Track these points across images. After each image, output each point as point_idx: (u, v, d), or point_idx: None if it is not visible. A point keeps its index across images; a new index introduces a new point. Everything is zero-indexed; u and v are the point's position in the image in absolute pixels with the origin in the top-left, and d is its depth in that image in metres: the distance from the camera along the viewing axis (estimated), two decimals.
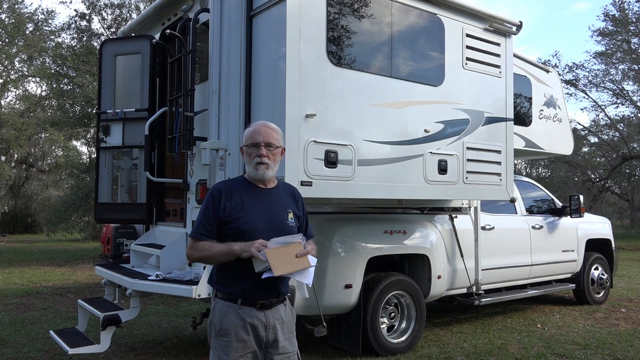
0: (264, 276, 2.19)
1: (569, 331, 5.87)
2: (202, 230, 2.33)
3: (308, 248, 2.29)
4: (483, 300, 5.66)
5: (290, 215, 2.41)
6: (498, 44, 5.23)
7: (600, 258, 7.55)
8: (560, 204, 7.19)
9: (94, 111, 12.58)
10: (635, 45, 20.27)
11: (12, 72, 21.89)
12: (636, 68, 20.49)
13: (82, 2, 14.39)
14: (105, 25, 14.63)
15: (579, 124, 22.87)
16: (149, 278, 4.33)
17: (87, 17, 14.63)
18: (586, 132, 22.87)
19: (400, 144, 4.39)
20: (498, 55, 5.22)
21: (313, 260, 2.29)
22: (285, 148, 2.52)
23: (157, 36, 5.17)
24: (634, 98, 21.42)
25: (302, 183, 3.76)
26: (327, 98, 4.00)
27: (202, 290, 3.91)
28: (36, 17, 20.38)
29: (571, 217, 7.06)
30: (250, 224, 2.30)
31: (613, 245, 7.87)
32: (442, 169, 4.66)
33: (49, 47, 18.50)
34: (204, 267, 3.99)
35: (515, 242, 6.35)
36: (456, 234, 5.53)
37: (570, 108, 31.24)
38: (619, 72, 21.14)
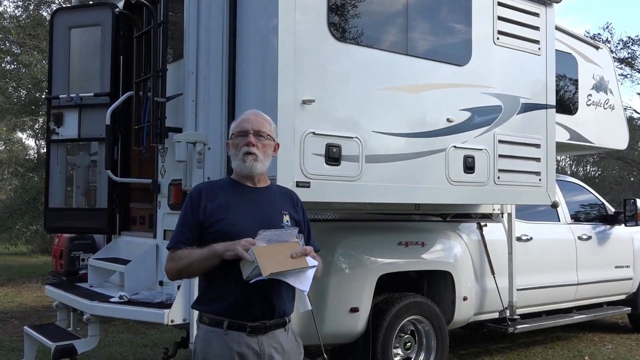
0: (252, 281, 2.17)
1: None
2: (180, 238, 2.37)
3: (307, 248, 2.28)
4: (519, 327, 5.66)
5: (286, 218, 2.43)
6: (537, 15, 5.24)
7: None
8: (613, 210, 7.20)
9: (43, 96, 12.57)
10: None
11: None
12: None
13: None
14: None
15: (636, 111, 22.88)
16: (111, 300, 4.33)
17: None
18: None
19: (417, 137, 4.40)
20: (537, 28, 5.23)
21: (312, 262, 2.26)
22: (279, 144, 2.55)
23: (121, 5, 5.17)
24: None
25: (298, 184, 3.77)
26: (329, 80, 4.01)
27: (176, 314, 3.91)
28: None
29: (626, 225, 7.06)
30: (235, 227, 2.32)
31: None
32: (469, 166, 4.67)
33: None
34: (178, 287, 3.99)
35: (558, 256, 6.35)
36: (486, 247, 5.54)
37: (624, 92, 31.23)
38: None
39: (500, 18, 4.98)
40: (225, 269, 2.27)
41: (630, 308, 7.17)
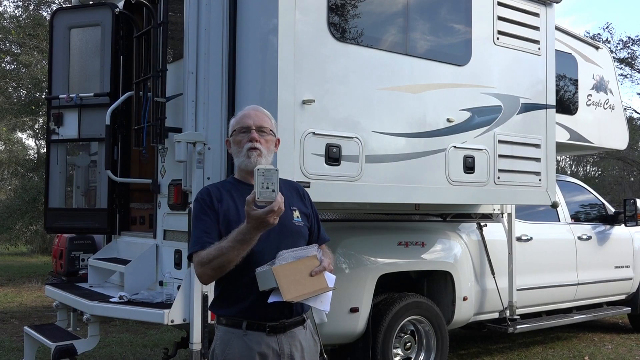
0: (270, 300, 2.17)
1: None
2: (204, 237, 2.26)
3: (324, 263, 2.26)
4: (518, 327, 5.66)
5: (296, 214, 2.42)
6: (537, 15, 5.24)
7: None
8: (613, 210, 7.20)
9: (43, 96, 12.58)
10: None
11: None
12: None
13: None
14: None
15: (636, 112, 22.87)
16: (111, 300, 4.33)
17: None
18: None
19: (417, 137, 4.40)
20: (537, 28, 5.23)
21: (331, 280, 2.27)
22: (280, 139, 2.54)
23: (121, 5, 5.17)
24: None
25: None
26: (329, 80, 4.01)
27: (176, 314, 3.91)
28: None
29: (626, 225, 7.06)
30: None
31: None
32: (469, 166, 4.67)
33: None
34: (178, 287, 4.00)
35: (558, 256, 6.35)
36: (486, 247, 5.54)
37: (624, 92, 31.23)
38: None
39: (500, 18, 4.98)
40: (237, 276, 2.25)
41: (630, 308, 7.17)
